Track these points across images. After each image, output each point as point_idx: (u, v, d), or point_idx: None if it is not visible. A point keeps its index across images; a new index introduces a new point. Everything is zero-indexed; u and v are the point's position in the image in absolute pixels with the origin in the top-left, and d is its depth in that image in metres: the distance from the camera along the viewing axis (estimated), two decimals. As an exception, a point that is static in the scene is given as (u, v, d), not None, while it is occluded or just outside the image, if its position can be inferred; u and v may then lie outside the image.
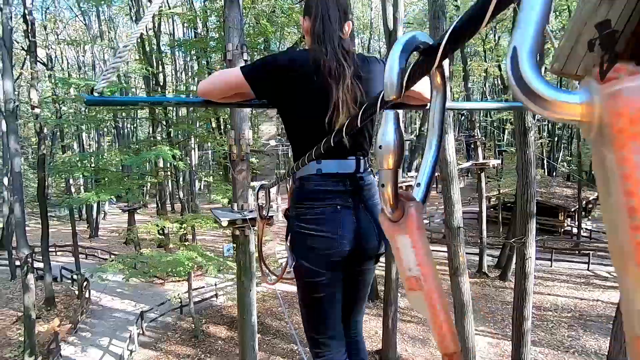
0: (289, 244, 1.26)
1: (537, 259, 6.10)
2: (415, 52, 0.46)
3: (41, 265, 14.22)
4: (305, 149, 1.14)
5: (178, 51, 21.79)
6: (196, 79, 18.04)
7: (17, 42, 15.75)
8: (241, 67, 1.16)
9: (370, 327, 11.61)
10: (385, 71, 0.44)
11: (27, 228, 11.89)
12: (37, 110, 14.57)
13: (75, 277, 16.05)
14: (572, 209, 19.72)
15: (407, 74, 0.44)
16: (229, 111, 7.69)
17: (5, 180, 21.78)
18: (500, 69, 19.64)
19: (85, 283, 14.68)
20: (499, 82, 26.46)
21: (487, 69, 18.40)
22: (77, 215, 25.53)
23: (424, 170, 0.49)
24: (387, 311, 9.65)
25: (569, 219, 20.67)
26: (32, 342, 10.16)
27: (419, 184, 0.48)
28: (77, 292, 15.38)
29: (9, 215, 19.26)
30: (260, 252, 1.71)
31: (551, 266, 15.32)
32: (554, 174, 26.22)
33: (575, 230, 19.61)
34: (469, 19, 0.36)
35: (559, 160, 27.51)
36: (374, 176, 1.29)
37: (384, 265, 10.19)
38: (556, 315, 11.65)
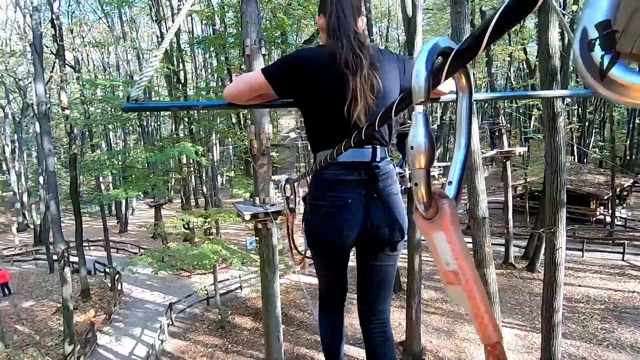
0: (303, 228, 1.36)
1: (567, 249, 5.88)
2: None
3: (76, 259, 14.97)
4: (324, 139, 1.22)
5: (197, 48, 22.12)
6: (215, 75, 18.30)
7: (47, 47, 16.41)
8: (262, 69, 1.21)
9: (394, 318, 11.59)
10: (413, 76, 0.47)
11: (62, 224, 12.51)
12: (67, 112, 15.21)
13: (107, 270, 16.82)
14: (605, 197, 18.83)
15: (432, 78, 0.47)
16: (249, 106, 7.75)
17: (41, 179, 22.95)
18: (525, 53, 18.82)
19: (117, 276, 15.36)
20: (524, 66, 25.41)
21: (511, 53, 17.64)
22: (107, 211, 26.62)
23: (454, 169, 0.51)
24: (410, 303, 9.59)
25: (601, 207, 19.75)
26: (70, 332, 10.76)
27: (450, 182, 0.50)
28: (110, 285, 16.12)
29: (45, 212, 20.34)
30: (291, 239, 1.84)
31: (582, 256, 14.74)
32: (585, 160, 25.04)
33: (608, 219, 18.73)
34: (480, 32, 0.37)
35: (590, 146, 26.25)
36: (394, 166, 1.32)
37: (406, 257, 10.11)
38: (588, 307, 11.23)
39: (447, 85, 1.23)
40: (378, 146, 1.23)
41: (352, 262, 1.33)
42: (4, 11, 26.31)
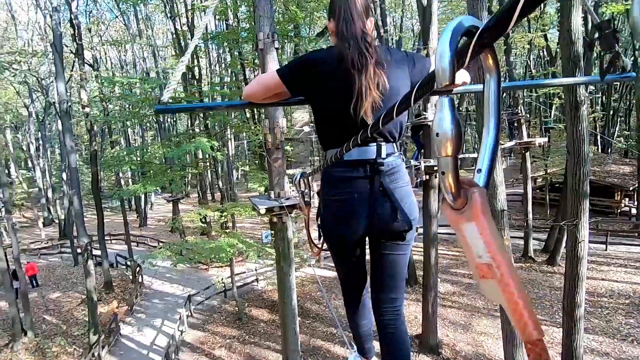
0: (317, 223, 1.46)
1: (590, 242, 5.69)
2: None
3: (99, 252, 15.48)
4: (332, 137, 1.29)
5: (211, 44, 22.26)
6: (229, 70, 18.40)
7: (66, 46, 16.83)
8: (276, 70, 1.30)
9: (410, 311, 11.55)
10: (436, 59, 0.44)
11: (84, 219, 12.93)
12: (87, 109, 15.62)
13: (128, 263, 17.34)
14: (631, 188, 18.14)
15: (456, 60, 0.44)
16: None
17: (64, 176, 23.73)
18: (546, 39, 18.16)
19: (138, 269, 15.81)
20: (545, 53, 24.54)
21: (531, 40, 17.04)
22: (127, 206, 27.34)
23: (483, 156, 0.47)
24: (426, 296, 9.53)
25: (626, 199, 19.05)
26: (95, 322, 11.17)
27: (479, 170, 0.46)
28: (131, 277, 16.62)
29: (69, 207, 21.05)
30: (308, 232, 1.90)
31: (606, 250, 14.29)
32: (609, 150, 24.13)
33: (634, 210, 18.06)
34: (508, 7, 0.35)
35: (615, 135, 25.25)
36: (402, 160, 1.38)
37: (422, 250, 10.02)
38: (612, 302, 10.91)
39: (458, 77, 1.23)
40: (383, 143, 1.28)
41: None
42: (26, 13, 27.10)
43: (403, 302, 1.52)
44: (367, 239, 1.43)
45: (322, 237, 1.48)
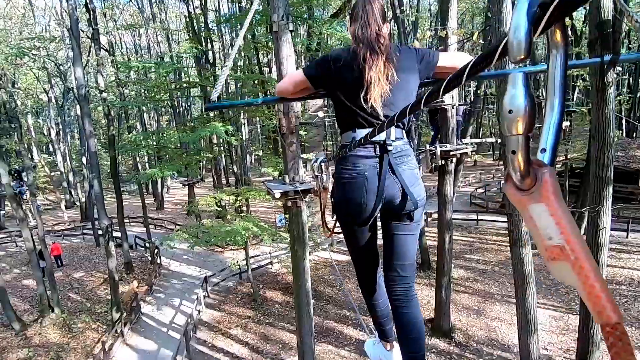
0: (332, 203, 1.57)
1: (611, 229, 5.54)
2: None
3: (119, 234, 15.99)
4: (347, 122, 1.46)
5: (224, 27, 22.08)
6: (242, 54, 18.26)
7: (83, 31, 16.97)
8: (302, 69, 1.51)
9: (423, 296, 11.60)
10: (510, 31, 0.42)
11: (104, 202, 13.30)
12: (104, 94, 15.84)
13: (147, 245, 17.86)
14: (656, 174, 17.47)
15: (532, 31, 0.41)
16: (277, 84, 7.77)
17: (84, 160, 24.34)
18: (571, 18, 17.28)
19: (156, 250, 16.28)
20: (570, 32, 23.38)
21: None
22: (145, 189, 27.96)
23: (547, 135, 0.44)
24: (440, 281, 9.54)
25: (651, 186, 18.38)
26: (117, 300, 11.65)
27: (544, 150, 0.44)
28: (150, 258, 17.15)
29: (89, 191, 21.69)
30: (323, 214, 1.97)
31: (627, 237, 13.93)
32: (635, 135, 23.17)
33: (658, 198, 17.44)
34: None
35: (641, 119, 24.17)
36: (411, 147, 1.51)
37: (436, 235, 9.98)
38: (631, 290, 10.71)
39: (450, 60, 1.46)
40: (393, 127, 1.39)
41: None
42: (42, -2, 27.32)
43: (414, 282, 1.58)
44: (378, 222, 1.55)
45: (335, 218, 1.60)
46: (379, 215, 1.49)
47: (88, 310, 12.90)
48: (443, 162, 8.48)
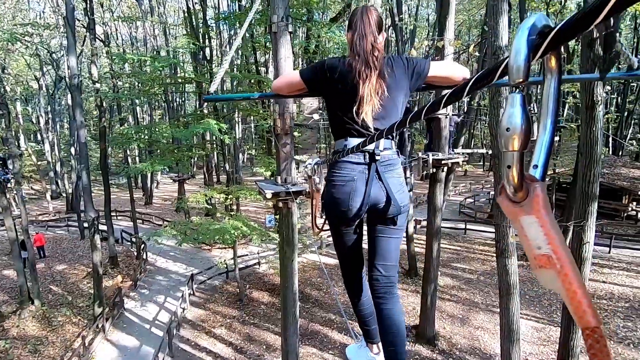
0: (322, 201, 1.66)
1: (594, 244, 5.68)
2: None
3: (105, 227, 15.74)
4: (340, 130, 1.55)
5: (223, 24, 22.00)
6: (240, 52, 18.23)
7: (78, 20, 16.73)
8: (299, 71, 1.58)
9: (409, 302, 11.68)
10: (511, 56, 0.46)
11: (91, 194, 13.09)
12: (97, 85, 15.62)
13: (134, 239, 17.62)
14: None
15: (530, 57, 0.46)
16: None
17: (73, 150, 23.93)
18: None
19: (142, 245, 16.08)
20: (562, 50, 23.92)
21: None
22: (134, 183, 27.60)
23: (539, 152, 0.48)
24: (426, 288, 9.61)
25: (634, 203, 18.84)
26: (100, 295, 11.46)
27: (535, 166, 0.48)
28: (136, 253, 16.92)
29: (77, 182, 21.32)
30: (313, 214, 2.05)
31: (609, 253, 14.25)
32: (621, 153, 23.75)
33: (641, 215, 17.88)
34: (592, 8, 0.36)
35: (627, 138, 24.80)
36: (398, 156, 1.60)
37: (424, 242, 10.06)
38: (611, 305, 10.94)
39: (441, 70, 1.52)
40: (382, 139, 1.43)
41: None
42: (38, -16, 26.88)
43: (396, 282, 1.66)
44: (364, 226, 1.67)
45: (324, 217, 1.69)
46: (365, 218, 1.61)
47: (69, 304, 12.65)
48: (434, 170, 8.58)
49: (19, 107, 28.36)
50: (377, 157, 1.50)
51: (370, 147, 1.47)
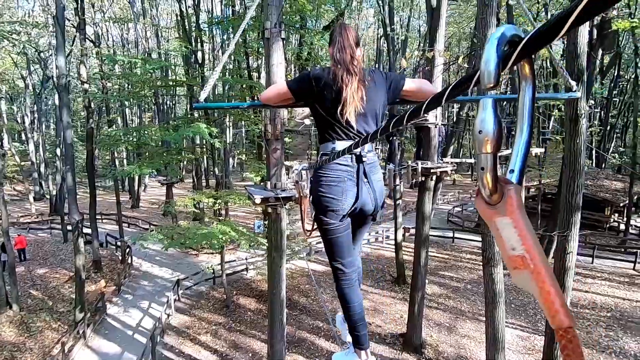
0: (310, 202, 1.76)
1: (577, 254, 5.80)
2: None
3: (89, 231, 15.39)
4: (327, 133, 1.67)
5: (216, 29, 21.97)
6: (232, 57, 18.23)
7: (68, 20, 16.53)
8: (286, 82, 1.71)
9: (396, 310, 11.68)
10: (482, 62, 0.48)
11: (76, 196, 12.81)
12: (85, 86, 15.40)
13: (119, 243, 17.26)
14: (621, 204, 18.41)
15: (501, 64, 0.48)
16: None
17: (58, 151, 23.45)
18: (551, 51, 18.18)
19: (128, 249, 15.76)
20: (548, 64, 24.61)
21: (536, 50, 17.05)
22: (120, 186, 27.12)
23: (516, 157, 0.50)
24: (413, 297, 9.64)
25: (616, 215, 19.34)
26: (82, 300, 11.15)
27: (512, 171, 0.50)
28: (120, 258, 16.57)
29: (61, 184, 20.85)
30: (303, 218, 2.15)
31: (592, 263, 14.54)
32: (603, 165, 24.40)
33: (622, 226, 18.34)
34: (557, 20, 0.38)
35: (610, 151, 25.52)
36: (378, 158, 1.77)
37: (412, 250, 10.12)
38: (594, 314, 11.14)
39: (414, 85, 1.69)
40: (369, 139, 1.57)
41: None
42: (28, -18, 26.51)
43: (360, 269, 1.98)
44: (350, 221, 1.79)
45: (314, 217, 1.78)
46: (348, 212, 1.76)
47: (49, 309, 12.28)
48: (423, 178, 8.67)
49: (4, 105, 27.72)
50: (363, 159, 1.65)
51: (357, 150, 1.57)
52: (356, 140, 1.55)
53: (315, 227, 1.84)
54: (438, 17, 8.91)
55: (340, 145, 1.60)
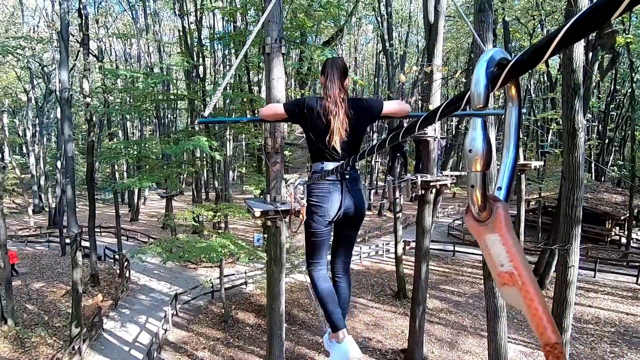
0: (304, 209, 2.05)
1: (579, 268, 5.75)
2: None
3: (87, 244, 15.28)
4: (317, 155, 2.00)
5: (217, 44, 22.34)
6: (234, 72, 18.48)
7: (72, 35, 16.81)
8: (283, 104, 2.07)
9: (397, 325, 11.51)
10: (472, 84, 0.50)
11: (76, 209, 12.77)
12: (88, 100, 15.56)
13: (117, 257, 17.11)
14: (622, 217, 18.35)
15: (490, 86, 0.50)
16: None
17: (59, 164, 23.52)
18: (547, 65, 18.48)
19: (126, 263, 15.62)
20: (545, 79, 24.95)
21: (533, 65, 17.29)
22: (120, 199, 27.07)
23: (503, 175, 0.52)
24: (414, 311, 9.51)
25: (617, 228, 19.26)
26: (78, 315, 10.98)
27: (500, 188, 0.52)
28: (118, 271, 16.40)
29: (61, 196, 20.83)
30: (290, 219, 2.47)
31: (594, 277, 14.40)
32: (603, 178, 24.44)
33: (624, 240, 18.24)
34: (541, 45, 0.40)
35: (609, 164, 25.61)
36: (359, 173, 2.11)
37: (412, 264, 10.03)
38: (597, 329, 10.97)
39: (391, 107, 2.01)
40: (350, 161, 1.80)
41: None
42: (34, -1, 27.10)
43: (350, 265, 2.25)
44: (333, 230, 2.11)
45: (305, 219, 2.05)
46: (333, 224, 2.05)
47: (45, 324, 12.09)
48: (423, 191, 8.66)
49: (6, 118, 27.93)
50: (346, 176, 1.97)
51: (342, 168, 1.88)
52: (341, 162, 1.91)
53: (301, 226, 2.14)
54: (436, 33, 9.07)
55: (329, 165, 1.93)
